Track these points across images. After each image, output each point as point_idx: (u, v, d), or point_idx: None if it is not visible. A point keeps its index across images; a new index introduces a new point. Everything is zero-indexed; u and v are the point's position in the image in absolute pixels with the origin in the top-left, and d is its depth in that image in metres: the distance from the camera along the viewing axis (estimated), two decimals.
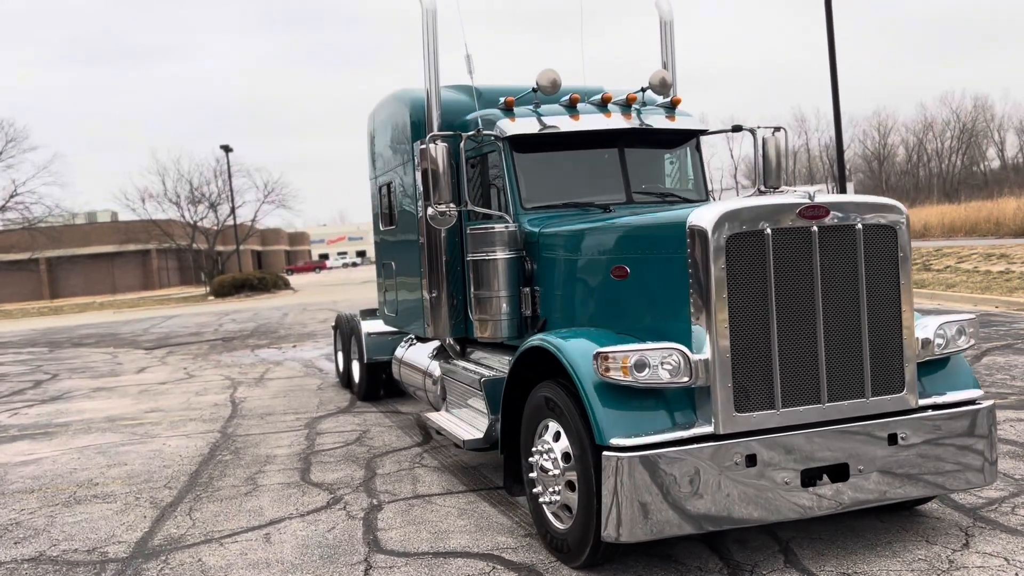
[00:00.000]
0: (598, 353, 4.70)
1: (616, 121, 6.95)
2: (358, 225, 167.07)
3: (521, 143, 6.77)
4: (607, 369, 4.67)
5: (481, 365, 7.30)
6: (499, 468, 7.42)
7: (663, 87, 7.14)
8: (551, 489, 5.19)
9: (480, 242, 6.49)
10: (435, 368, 8.19)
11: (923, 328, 5.22)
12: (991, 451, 5.18)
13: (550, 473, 5.17)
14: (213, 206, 57.49)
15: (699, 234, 4.66)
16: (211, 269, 54.65)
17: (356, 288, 49.06)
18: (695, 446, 4.61)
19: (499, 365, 7.00)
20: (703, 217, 4.68)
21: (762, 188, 7.37)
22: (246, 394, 12.82)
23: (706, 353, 4.66)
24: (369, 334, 10.94)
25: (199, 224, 57.23)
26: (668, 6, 8.32)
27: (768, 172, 7.38)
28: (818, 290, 4.80)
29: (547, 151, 6.91)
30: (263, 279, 50.06)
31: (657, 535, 4.62)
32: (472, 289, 6.63)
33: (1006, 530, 5.35)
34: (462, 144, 6.66)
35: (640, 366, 4.61)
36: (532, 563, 5.26)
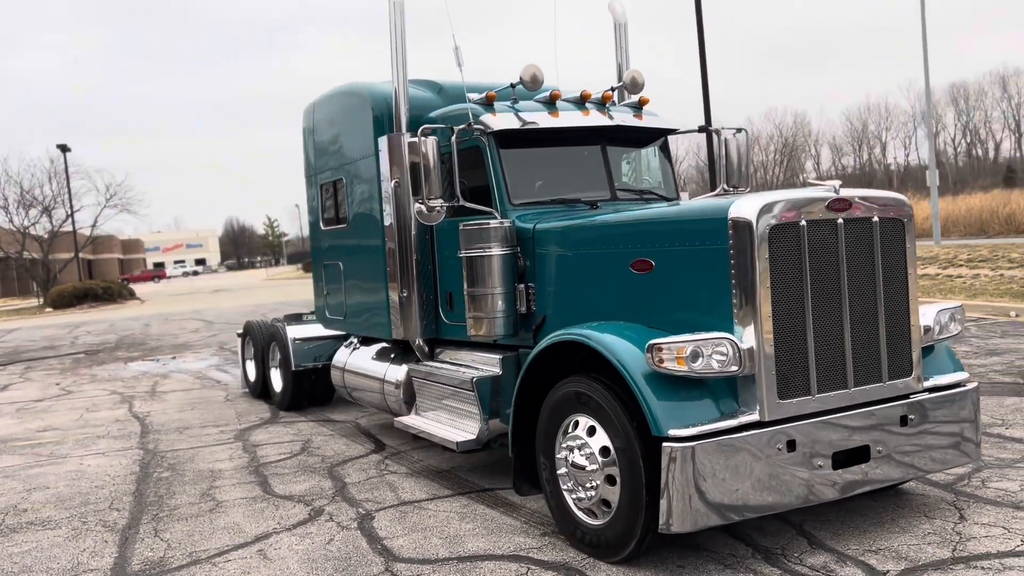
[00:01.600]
0: (652, 344, 4.70)
1: (597, 119, 6.99)
2: (196, 231, 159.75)
3: (506, 138, 6.68)
4: (661, 360, 4.67)
5: (459, 365, 7.13)
6: (475, 470, 7.32)
7: (635, 86, 7.26)
8: (586, 485, 5.13)
9: (474, 238, 6.34)
10: (396, 372, 7.93)
11: (923, 315, 5.53)
12: (977, 431, 5.56)
13: (586, 469, 5.11)
14: (47, 210, 53.16)
15: (743, 225, 4.75)
16: (45, 279, 50.52)
17: (210, 297, 46.87)
18: (746, 434, 4.69)
19: (480, 364, 6.87)
20: (746, 208, 4.77)
21: (725, 187, 7.60)
22: (146, 408, 11.95)
23: (750, 342, 4.76)
24: (296, 340, 10.45)
25: (29, 231, 52.75)
26: (622, 8, 8.45)
27: (731, 172, 7.62)
28: (844, 279, 5.01)
29: (530, 147, 6.86)
30: (108, 288, 46.87)
31: (710, 523, 4.67)
32: (465, 286, 6.46)
33: (989, 502, 5.75)
34: (453, 138, 6.49)
35: (695, 356, 4.65)
36: (565, 561, 5.18)
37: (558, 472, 5.38)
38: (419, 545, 5.63)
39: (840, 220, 4.99)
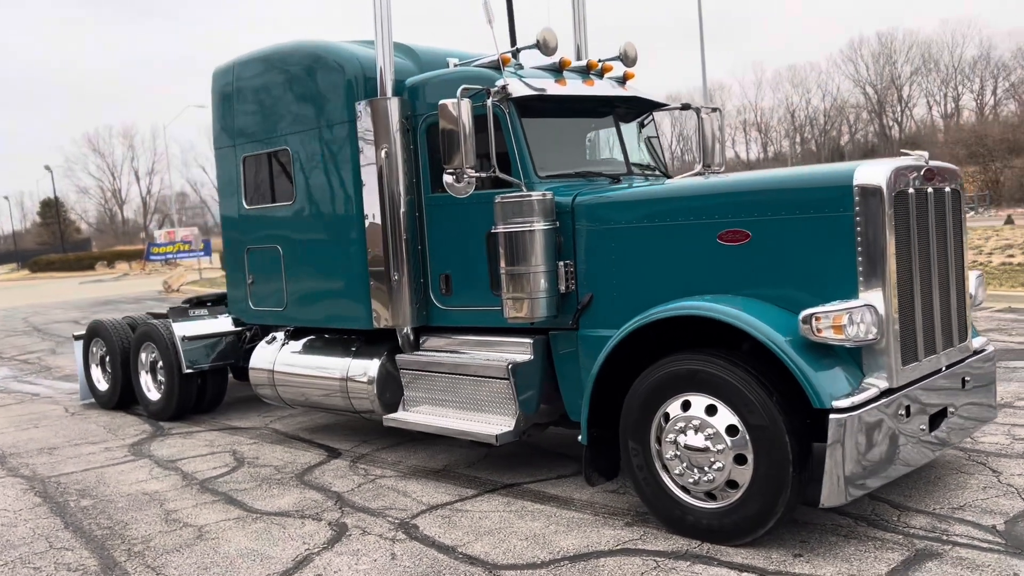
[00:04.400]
0: (812, 313, 4.55)
1: (611, 88, 6.71)
2: None
3: (526, 106, 6.20)
4: (820, 330, 4.53)
5: (466, 352, 6.52)
6: (473, 466, 6.84)
7: (628, 60, 7.05)
8: (706, 467, 4.86)
9: (514, 212, 5.81)
10: (365, 366, 7.12)
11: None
12: (996, 392, 5.99)
13: (707, 450, 4.84)
14: None
15: (873, 191, 4.72)
16: None
17: None
18: (884, 401, 4.68)
19: (499, 350, 6.32)
20: (874, 175, 4.75)
21: (705, 166, 7.60)
22: None
23: (879, 310, 4.74)
24: (186, 338, 9.10)
25: None
26: None
27: (706, 151, 7.63)
28: (933, 247, 5.16)
29: (547, 117, 6.42)
30: None
31: (857, 494, 4.63)
32: (503, 264, 5.89)
33: (1001, 455, 6.22)
34: (489, 101, 5.88)
35: (850, 324, 4.55)
36: (686, 549, 4.89)
37: (665, 456, 5.05)
38: (506, 549, 5.06)
39: (930, 189, 5.13)
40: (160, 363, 9.48)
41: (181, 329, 9.16)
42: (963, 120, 74.01)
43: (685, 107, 7.46)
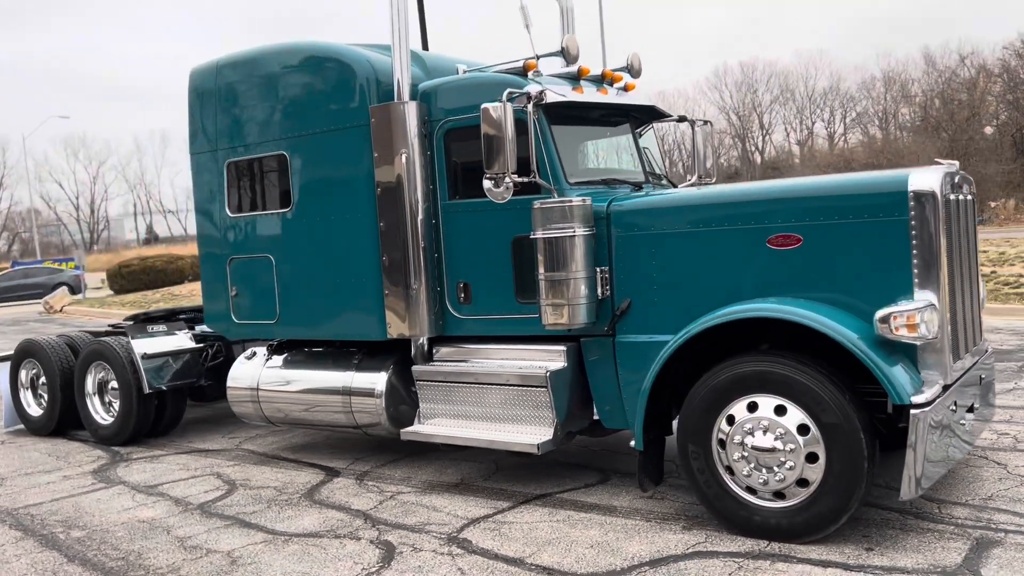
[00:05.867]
0: (888, 313, 4.72)
1: (628, 98, 6.78)
2: None
3: (554, 113, 6.18)
4: (896, 328, 4.70)
5: (490, 361, 6.39)
6: (490, 478, 6.78)
7: (634, 71, 7.16)
8: (776, 467, 4.94)
9: (554, 218, 5.75)
10: (371, 379, 6.88)
11: None
12: (995, 389, 6.39)
13: (778, 450, 4.92)
14: None
15: (928, 196, 4.95)
16: None
17: None
18: (945, 395, 4.90)
19: (527, 358, 6.22)
20: (928, 181, 4.98)
21: (693, 180, 7.76)
22: None
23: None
24: (147, 356, 8.52)
25: None
26: None
27: (698, 163, 7.81)
28: (966, 250, 5.47)
29: (570, 124, 6.42)
30: None
31: (926, 487, 4.81)
32: (541, 271, 5.81)
33: (1002, 450, 6.61)
34: (530, 106, 5.82)
35: (921, 322, 4.74)
36: (759, 550, 4.94)
37: (731, 458, 5.10)
38: (576, 558, 4.97)
39: (960, 197, 5.44)
40: (112, 384, 8.83)
41: (141, 346, 8.57)
42: (816, 147, 78.85)
43: (681, 119, 7.62)
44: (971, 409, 5.51)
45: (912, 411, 4.62)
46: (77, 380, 9.09)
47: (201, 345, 8.92)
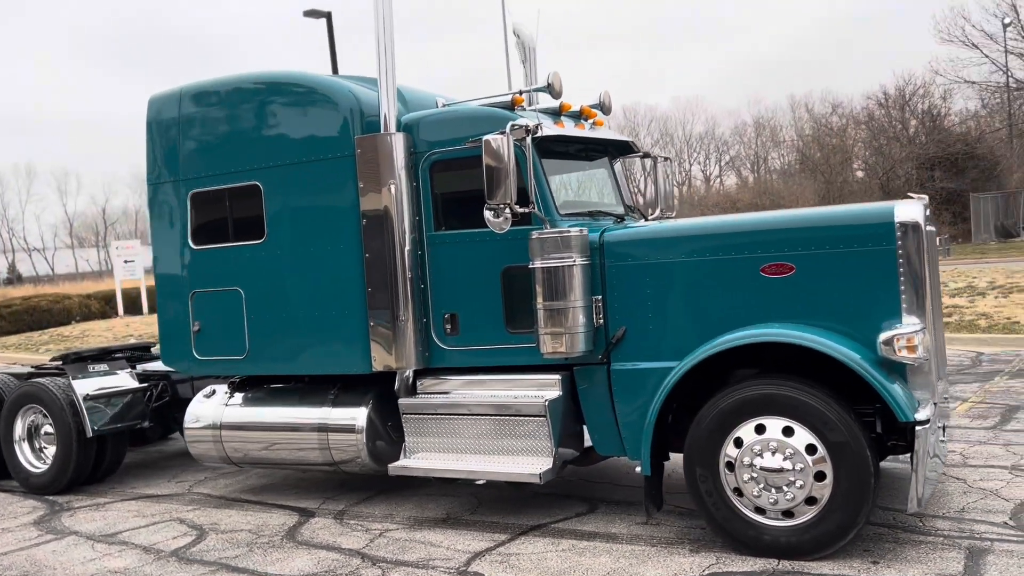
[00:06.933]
0: (895, 336, 4.99)
1: (608, 133, 6.98)
2: None
3: (543, 147, 6.29)
4: (899, 350, 4.98)
5: (479, 391, 6.35)
6: (476, 511, 6.75)
7: (605, 108, 7.37)
8: (786, 486, 5.12)
9: (552, 248, 5.83)
10: (349, 414, 6.73)
11: None
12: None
13: (787, 470, 5.11)
14: None
15: (913, 227, 5.30)
16: None
17: None
18: (934, 414, 5.23)
19: (517, 388, 6.23)
20: (911, 212, 5.34)
21: (657, 214, 8.01)
22: None
23: None
24: (89, 397, 8.03)
25: None
26: (528, 32, 8.41)
27: (659, 198, 8.06)
28: (933, 279, 5.87)
29: (556, 158, 6.54)
30: None
31: (925, 502, 5.09)
32: (540, 300, 5.86)
33: (955, 465, 7.04)
34: (529, 139, 5.90)
35: (920, 344, 5.04)
36: (771, 568, 5.09)
37: (741, 479, 5.25)
38: None
39: (930, 229, 5.85)
40: (45, 428, 8.29)
41: (82, 387, 8.08)
42: (693, 188, 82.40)
43: (646, 155, 7.86)
44: (944, 430, 5.88)
45: (917, 427, 4.90)
46: (3, 426, 8.46)
47: (145, 384, 8.49)
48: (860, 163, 43.02)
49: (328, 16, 21.81)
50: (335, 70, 7.20)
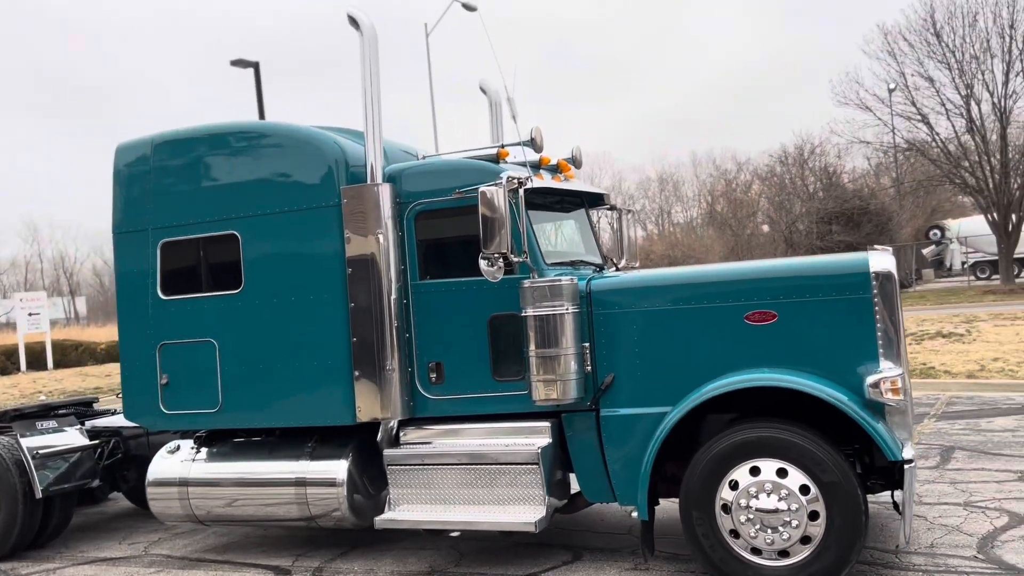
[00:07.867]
0: (881, 379, 5.27)
1: (585, 185, 7.19)
2: None
3: (528, 198, 6.44)
4: (885, 392, 5.26)
5: (465, 442, 6.36)
6: (461, 563, 6.63)
7: (577, 162, 7.61)
8: (782, 526, 5.30)
9: (545, 296, 5.94)
10: (328, 467, 6.61)
11: None
12: None
13: (782, 511, 5.30)
14: None
15: (887, 277, 5.65)
16: None
17: None
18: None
19: (504, 436, 6.27)
20: (884, 262, 5.70)
21: (624, 263, 8.23)
22: None
23: None
24: (39, 455, 7.63)
25: None
26: (495, 87, 8.61)
27: (625, 247, 8.30)
28: (900, 325, 6.24)
29: (538, 209, 6.71)
30: None
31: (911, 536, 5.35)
32: (532, 348, 5.94)
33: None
34: (521, 191, 6.04)
35: (902, 386, 5.34)
36: None
37: (737, 521, 5.40)
38: None
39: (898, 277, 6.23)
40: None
41: (30, 444, 7.67)
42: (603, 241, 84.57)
43: (612, 207, 8.12)
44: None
45: (907, 466, 5.17)
46: None
47: (96, 441, 8.14)
48: (763, 217, 44.88)
49: (256, 66, 21.70)
50: (262, 117, 7.21)
